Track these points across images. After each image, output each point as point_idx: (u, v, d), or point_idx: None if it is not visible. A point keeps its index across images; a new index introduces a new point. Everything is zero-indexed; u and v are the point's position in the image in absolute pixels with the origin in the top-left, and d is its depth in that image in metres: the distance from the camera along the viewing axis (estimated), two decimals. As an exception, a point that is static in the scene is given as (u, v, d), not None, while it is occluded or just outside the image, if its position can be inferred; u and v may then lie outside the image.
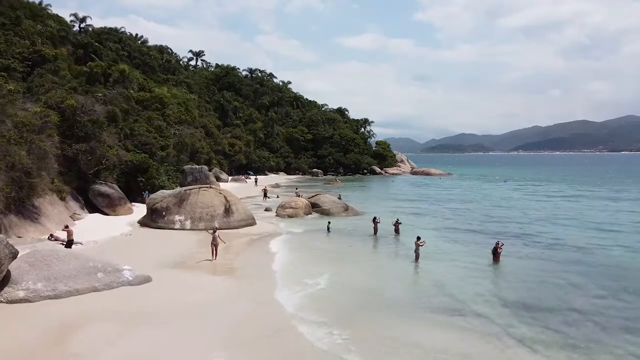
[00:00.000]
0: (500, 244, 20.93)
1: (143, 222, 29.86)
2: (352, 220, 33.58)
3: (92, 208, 33.47)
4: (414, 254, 21.08)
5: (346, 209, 37.53)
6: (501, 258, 20.69)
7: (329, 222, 29.18)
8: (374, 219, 27.99)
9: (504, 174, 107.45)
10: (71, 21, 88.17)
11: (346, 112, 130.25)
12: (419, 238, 21.25)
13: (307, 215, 35.79)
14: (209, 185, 31.36)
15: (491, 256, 21.01)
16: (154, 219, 29.13)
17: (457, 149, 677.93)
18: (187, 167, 46.65)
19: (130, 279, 16.29)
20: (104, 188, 33.65)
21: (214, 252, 20.43)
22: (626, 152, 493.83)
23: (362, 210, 38.22)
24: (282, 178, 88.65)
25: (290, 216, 35.04)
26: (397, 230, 27.95)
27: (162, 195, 30.19)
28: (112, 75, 53.60)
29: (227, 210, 29.55)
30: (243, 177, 75.90)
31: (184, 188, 31.12)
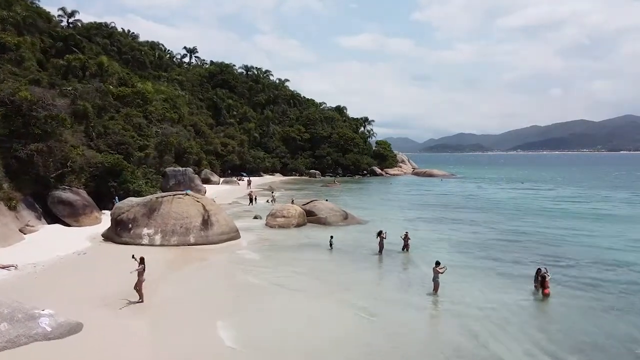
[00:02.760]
0: (543, 271, 16.46)
1: (107, 236, 25.35)
2: (352, 232, 29.11)
3: (53, 218, 28.98)
4: (432, 283, 16.64)
5: (345, 217, 33.09)
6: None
7: (332, 237, 24.64)
8: (380, 233, 23.50)
9: (510, 174, 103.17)
10: (59, 16, 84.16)
11: (345, 111, 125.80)
12: (438, 263, 16.79)
13: (301, 225, 31.36)
14: (184, 192, 26.87)
15: (532, 287, 16.61)
16: (118, 233, 24.64)
17: (456, 149, 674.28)
18: (169, 169, 42.16)
19: (49, 329, 11.81)
20: (65, 194, 29.11)
21: (139, 292, 14.69)
22: (625, 152, 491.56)
23: (363, 219, 33.80)
24: (276, 179, 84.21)
25: (281, 226, 30.59)
26: (406, 246, 23.62)
27: (130, 204, 25.68)
28: (89, 69, 49.00)
29: (206, 222, 25.06)
30: (235, 179, 71.39)
31: (155, 195, 26.60)
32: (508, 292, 16.71)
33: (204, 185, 49.99)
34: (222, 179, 69.46)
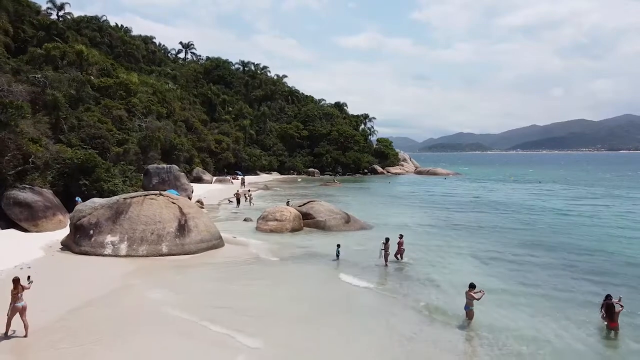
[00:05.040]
0: (611, 299, 12.52)
1: (66, 244, 21.41)
2: (356, 238, 25.08)
3: (9, 222, 24.99)
4: (465, 311, 12.74)
5: (347, 220, 29.09)
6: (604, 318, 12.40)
7: (338, 246, 20.39)
8: (386, 241, 19.53)
9: (519, 173, 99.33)
10: (48, 9, 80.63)
11: (345, 107, 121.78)
12: (472, 286, 12.87)
13: (297, 229, 27.41)
14: (158, 192, 22.91)
15: (599, 316, 12.69)
16: (77, 241, 20.66)
17: (455, 148, 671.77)
18: (151, 166, 38.06)
19: None
20: (23, 195, 25.09)
21: (8, 323, 11.35)
22: (625, 151, 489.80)
23: (367, 223, 29.81)
24: (273, 178, 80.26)
25: (273, 231, 26.63)
26: (399, 253, 19.81)
27: (92, 206, 21.69)
28: (66, 57, 44.94)
29: (182, 228, 21.11)
30: (229, 178, 67.47)
31: (122, 196, 22.59)
32: (564, 324, 12.75)
33: (192, 185, 46.04)
34: (214, 178, 65.60)
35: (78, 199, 28.48)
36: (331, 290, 16.02)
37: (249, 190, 42.15)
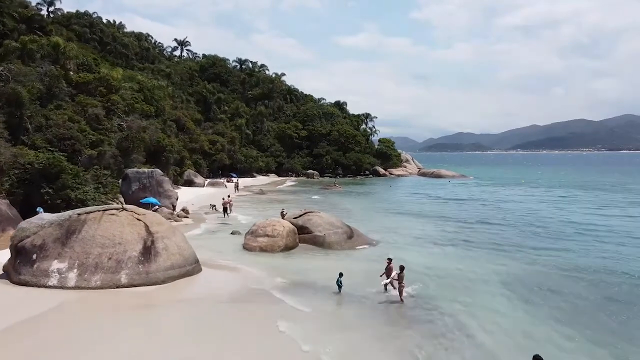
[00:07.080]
0: None
1: (6, 271, 17.45)
2: (361, 259, 21.09)
3: (-49, 238, 21.10)
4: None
5: (350, 236, 25.10)
6: None
7: (341, 275, 16.11)
8: (401, 270, 15.55)
9: (530, 176, 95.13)
10: (38, 4, 77.35)
11: (345, 107, 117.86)
12: (538, 359, 8.91)
13: (291, 247, 23.45)
14: (120, 207, 18.96)
15: None
16: (17, 267, 16.67)
17: (455, 148, 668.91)
18: (130, 170, 34.08)
19: None
20: (-34, 207, 21.20)
21: None
22: (625, 151, 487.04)
23: (372, 238, 25.86)
24: (270, 180, 76.33)
25: (264, 249, 22.68)
26: (392, 284, 15.58)
27: (39, 224, 17.69)
28: (42, 49, 40.97)
29: (148, 251, 17.12)
30: (222, 181, 63.58)
31: (76, 211, 18.61)
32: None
33: (182, 188, 42.25)
34: (207, 181, 61.76)
35: (40, 209, 24.56)
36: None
37: (228, 196, 38.28)
